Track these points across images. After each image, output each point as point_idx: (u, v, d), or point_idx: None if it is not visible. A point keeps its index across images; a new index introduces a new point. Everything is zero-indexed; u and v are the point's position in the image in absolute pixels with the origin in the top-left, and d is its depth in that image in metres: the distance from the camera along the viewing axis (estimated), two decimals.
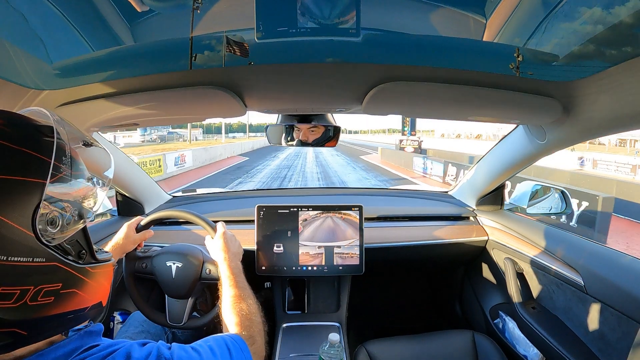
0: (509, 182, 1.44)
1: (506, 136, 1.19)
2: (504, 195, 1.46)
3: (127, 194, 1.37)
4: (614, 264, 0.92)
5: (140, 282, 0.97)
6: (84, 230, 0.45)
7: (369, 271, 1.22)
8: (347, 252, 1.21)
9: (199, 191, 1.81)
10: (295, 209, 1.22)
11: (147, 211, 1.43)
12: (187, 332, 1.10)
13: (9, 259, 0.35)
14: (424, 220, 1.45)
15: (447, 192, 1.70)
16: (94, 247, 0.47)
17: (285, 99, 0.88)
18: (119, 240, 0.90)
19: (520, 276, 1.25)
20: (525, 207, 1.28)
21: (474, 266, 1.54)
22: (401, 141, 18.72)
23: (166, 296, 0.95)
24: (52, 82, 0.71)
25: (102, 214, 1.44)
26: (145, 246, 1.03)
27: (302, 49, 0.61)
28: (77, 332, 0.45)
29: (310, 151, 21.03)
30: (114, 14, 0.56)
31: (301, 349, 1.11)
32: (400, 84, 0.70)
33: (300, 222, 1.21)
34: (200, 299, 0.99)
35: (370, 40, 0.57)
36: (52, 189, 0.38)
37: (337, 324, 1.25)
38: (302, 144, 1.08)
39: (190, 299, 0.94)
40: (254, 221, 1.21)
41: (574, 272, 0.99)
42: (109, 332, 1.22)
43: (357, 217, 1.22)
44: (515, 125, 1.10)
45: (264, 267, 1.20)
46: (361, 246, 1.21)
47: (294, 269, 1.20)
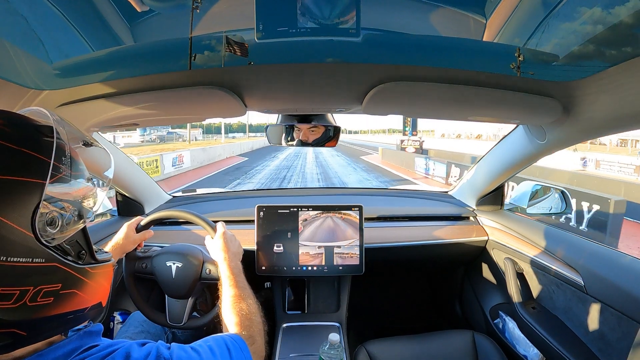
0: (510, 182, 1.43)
1: (506, 136, 1.19)
2: (504, 195, 1.46)
3: (127, 194, 1.37)
4: (614, 264, 0.92)
5: (140, 282, 0.97)
6: (84, 230, 0.45)
7: (369, 271, 1.22)
8: (347, 252, 1.21)
9: (199, 191, 1.81)
10: (295, 209, 1.22)
11: (147, 211, 1.43)
12: (187, 332, 1.10)
13: (9, 260, 0.35)
14: (424, 220, 1.45)
15: (447, 192, 1.70)
16: (94, 247, 0.47)
17: (285, 99, 0.88)
18: (119, 240, 0.90)
19: (520, 276, 1.25)
20: (525, 207, 1.28)
21: (474, 266, 1.54)
22: (402, 141, 18.56)
23: (166, 296, 0.95)
24: (52, 82, 0.71)
25: (102, 214, 1.44)
26: (145, 246, 1.03)
27: (302, 49, 0.61)
28: (76, 332, 0.45)
29: (310, 151, 20.85)
30: (114, 14, 0.56)
31: (301, 349, 1.10)
32: (400, 84, 0.70)
33: (300, 222, 1.21)
34: (200, 299, 0.99)
35: (370, 40, 0.57)
36: (51, 189, 0.38)
37: (337, 324, 1.25)
38: (302, 144, 1.08)
39: (190, 299, 0.93)
40: (254, 221, 1.21)
41: (574, 272, 0.99)
42: (109, 332, 1.22)
43: (357, 217, 1.22)
44: (515, 125, 1.10)
45: (264, 267, 1.20)
46: (361, 246, 1.21)
47: (294, 269, 1.20)
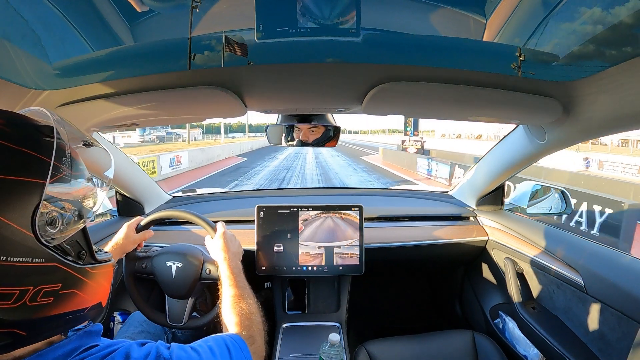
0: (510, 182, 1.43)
1: (506, 136, 1.19)
2: (504, 195, 1.46)
3: (127, 194, 1.37)
4: (614, 264, 0.92)
5: (140, 282, 0.97)
6: (84, 230, 0.45)
7: (369, 271, 1.22)
8: (347, 252, 1.21)
9: (199, 191, 1.81)
10: (295, 209, 1.22)
11: (147, 211, 1.43)
12: (187, 332, 1.10)
13: (8, 259, 0.35)
14: (424, 220, 1.45)
15: (447, 192, 1.70)
16: (94, 247, 0.47)
17: (285, 99, 0.88)
18: (119, 240, 0.90)
19: (520, 276, 1.25)
20: (525, 207, 1.28)
21: (474, 266, 1.54)
22: (404, 142, 18.36)
23: (166, 296, 0.95)
24: (53, 82, 0.71)
25: (102, 214, 1.44)
26: (145, 246, 1.03)
27: (302, 49, 0.61)
28: (76, 332, 0.45)
29: (310, 152, 20.73)
30: (114, 14, 0.56)
31: (301, 349, 1.10)
32: (400, 84, 0.70)
33: (300, 222, 1.21)
34: (200, 299, 0.99)
35: (370, 40, 0.57)
36: (51, 189, 0.38)
37: (337, 324, 1.25)
38: (302, 144, 1.08)
39: (190, 299, 0.93)
40: (254, 221, 1.21)
41: (574, 272, 0.99)
42: (109, 332, 1.22)
43: (357, 217, 1.22)
44: (515, 125, 1.10)
45: (264, 267, 1.20)
46: (361, 246, 1.21)
47: (294, 269, 1.20)
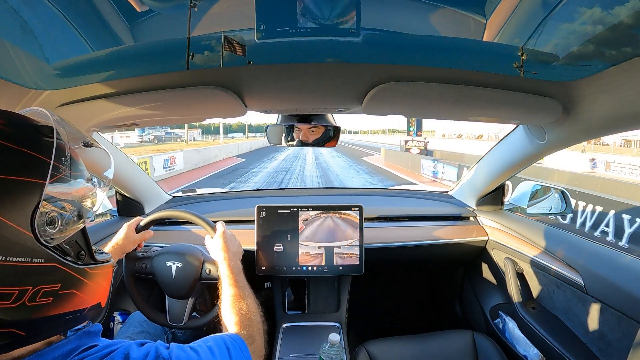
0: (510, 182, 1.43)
1: (506, 136, 1.19)
2: (504, 195, 1.46)
3: (127, 194, 1.37)
4: (614, 264, 0.92)
5: (140, 282, 0.97)
6: (83, 231, 0.45)
7: (369, 271, 1.22)
8: (347, 252, 1.21)
9: (199, 191, 1.81)
10: (295, 209, 1.22)
11: (147, 211, 1.43)
12: (187, 332, 1.10)
13: (8, 259, 0.34)
14: (424, 220, 1.45)
15: (447, 192, 1.70)
16: (93, 248, 0.47)
17: (285, 99, 0.88)
18: (119, 240, 0.90)
19: (520, 276, 1.25)
20: (525, 207, 1.28)
21: (474, 266, 1.54)
22: (406, 142, 18.09)
23: (166, 296, 0.95)
24: (53, 82, 0.71)
25: (102, 214, 1.44)
26: (145, 246, 1.03)
27: (302, 49, 0.61)
28: (75, 332, 0.45)
29: (309, 152, 20.58)
30: (114, 14, 0.56)
31: (301, 349, 1.10)
32: (400, 84, 0.70)
33: (300, 222, 1.21)
34: (200, 299, 0.99)
35: (370, 40, 0.57)
36: (51, 189, 0.38)
37: (337, 324, 1.25)
38: (302, 144, 1.08)
39: (190, 299, 0.93)
40: (254, 221, 1.21)
41: (574, 272, 0.99)
42: (109, 332, 1.22)
43: (357, 217, 1.22)
44: (515, 125, 1.10)
45: (264, 267, 1.20)
46: (361, 246, 1.21)
47: (294, 269, 1.20)
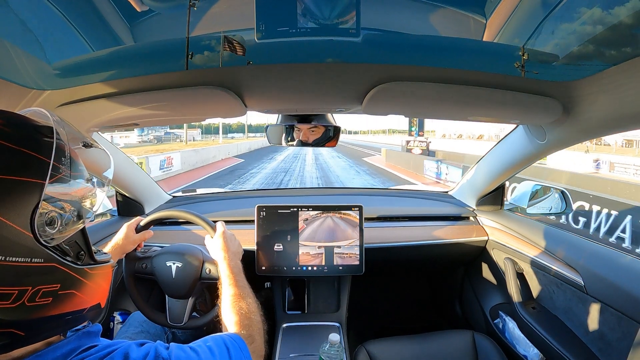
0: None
1: (506, 136, 1.19)
2: (504, 195, 1.46)
3: (127, 194, 1.37)
4: (614, 264, 0.92)
5: (140, 282, 0.97)
6: (83, 231, 0.45)
7: (369, 271, 1.22)
8: (347, 252, 1.21)
9: (199, 191, 1.81)
10: (295, 209, 1.22)
11: (147, 211, 1.43)
12: (187, 332, 1.10)
13: (7, 259, 0.34)
14: (424, 220, 1.45)
15: (447, 192, 1.70)
16: (93, 248, 0.47)
17: (285, 99, 0.88)
18: (119, 240, 0.90)
19: (520, 276, 1.25)
20: (525, 207, 1.28)
21: (474, 266, 1.54)
22: (408, 142, 17.84)
23: (166, 296, 0.95)
24: (53, 82, 0.71)
25: (102, 214, 1.44)
26: (145, 246, 1.03)
27: (302, 49, 0.61)
28: (75, 332, 0.45)
29: (309, 152, 20.41)
30: (114, 14, 0.56)
31: (301, 349, 1.10)
32: (400, 84, 0.70)
33: (300, 222, 1.21)
34: (200, 299, 0.99)
35: (370, 40, 0.57)
36: (51, 190, 0.38)
37: (337, 324, 1.24)
38: (302, 144, 1.08)
39: (190, 299, 0.93)
40: (254, 221, 1.21)
41: (574, 272, 0.99)
42: (109, 332, 1.22)
43: (357, 217, 1.22)
44: (515, 125, 1.10)
45: (264, 267, 1.20)
46: (361, 246, 1.21)
47: (294, 269, 1.20)
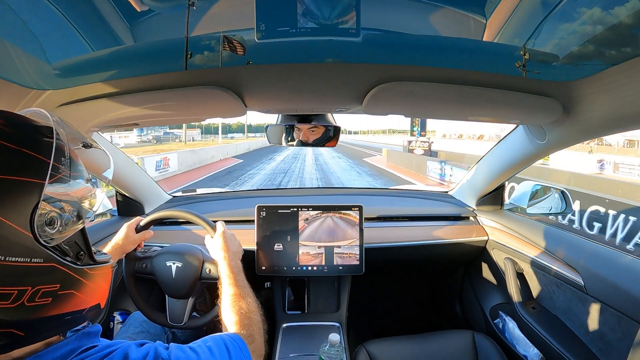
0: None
1: (506, 136, 1.19)
2: (504, 195, 1.46)
3: (127, 194, 1.37)
4: (614, 264, 0.92)
5: (140, 282, 0.97)
6: (83, 231, 0.45)
7: (369, 271, 1.22)
8: (347, 252, 1.21)
9: (199, 191, 1.81)
10: (295, 209, 1.22)
11: (147, 211, 1.43)
12: (187, 332, 1.10)
13: (7, 259, 0.34)
14: (424, 220, 1.45)
15: (447, 192, 1.70)
16: (93, 248, 0.47)
17: (285, 99, 0.88)
18: (119, 240, 0.90)
19: (520, 276, 1.25)
20: (525, 207, 1.28)
21: (474, 266, 1.54)
22: (410, 142, 17.65)
23: (166, 296, 0.95)
24: (53, 82, 0.71)
25: (102, 214, 1.44)
26: (145, 246, 1.03)
27: (302, 49, 0.61)
28: (74, 333, 0.45)
29: (309, 153, 20.24)
30: (114, 14, 0.56)
31: (301, 349, 1.10)
32: (400, 84, 0.70)
33: (300, 222, 1.21)
34: (200, 299, 0.99)
35: (370, 40, 0.57)
36: (50, 190, 0.38)
37: (337, 324, 1.24)
38: (302, 144, 1.08)
39: (190, 298, 0.93)
40: (254, 221, 1.21)
41: (574, 272, 0.99)
42: (109, 332, 1.22)
43: (357, 217, 1.22)
44: (515, 125, 1.10)
45: (264, 267, 1.20)
46: (361, 246, 1.21)
47: (294, 269, 1.20)
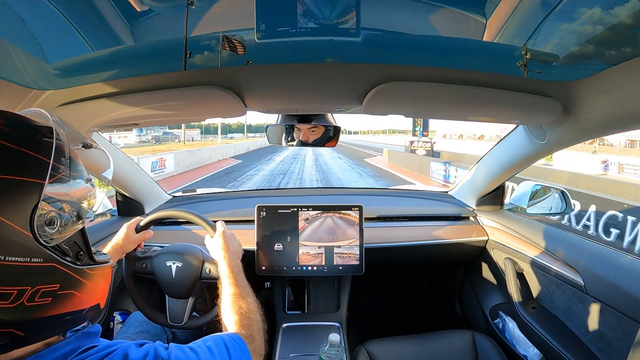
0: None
1: (506, 136, 1.19)
2: (504, 195, 1.46)
3: (127, 194, 1.37)
4: (614, 264, 0.92)
5: (140, 282, 0.97)
6: (83, 231, 0.45)
7: (369, 271, 1.22)
8: (347, 252, 1.21)
9: (199, 191, 1.81)
10: (295, 209, 1.22)
11: (147, 211, 1.43)
12: (187, 332, 1.10)
13: (7, 259, 0.34)
14: (424, 220, 1.45)
15: (447, 192, 1.70)
16: (93, 248, 0.47)
17: (285, 99, 0.88)
18: (119, 240, 0.90)
19: (520, 276, 1.25)
20: (525, 207, 1.28)
21: (474, 266, 1.54)
22: (412, 143, 17.43)
23: (166, 296, 0.95)
24: (53, 82, 0.71)
25: (102, 214, 1.44)
26: (145, 246, 1.03)
27: (302, 49, 0.61)
28: (74, 333, 0.45)
29: (309, 153, 20.19)
30: (114, 14, 0.56)
31: (301, 349, 1.10)
32: (400, 84, 0.70)
33: (300, 222, 1.21)
34: (200, 298, 0.99)
35: (370, 40, 0.57)
36: (50, 190, 0.38)
37: (337, 324, 1.24)
38: (302, 144, 1.08)
39: (190, 298, 0.93)
40: (254, 221, 1.21)
41: (574, 272, 0.99)
42: (109, 332, 1.22)
43: (357, 217, 1.22)
44: (515, 125, 1.10)
45: (264, 267, 1.20)
46: (361, 246, 1.21)
47: (294, 269, 1.20)
